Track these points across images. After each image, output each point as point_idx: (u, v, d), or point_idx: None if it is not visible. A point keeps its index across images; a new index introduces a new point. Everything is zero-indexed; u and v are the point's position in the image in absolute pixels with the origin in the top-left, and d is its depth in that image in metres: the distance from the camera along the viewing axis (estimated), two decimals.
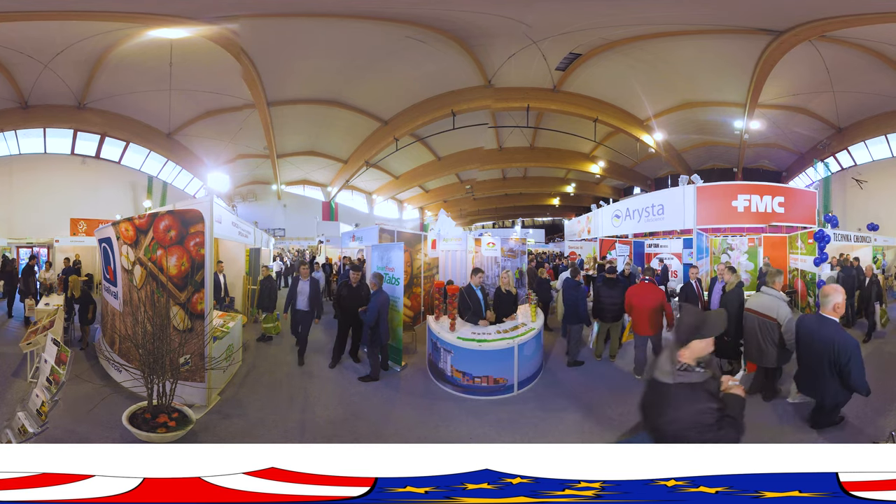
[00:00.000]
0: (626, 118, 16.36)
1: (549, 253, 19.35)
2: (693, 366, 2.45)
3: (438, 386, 5.95)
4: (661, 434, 2.47)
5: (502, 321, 6.53)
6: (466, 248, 9.73)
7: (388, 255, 7.07)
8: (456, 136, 16.15)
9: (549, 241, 25.84)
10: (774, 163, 17.61)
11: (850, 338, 3.93)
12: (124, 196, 16.64)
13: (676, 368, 2.43)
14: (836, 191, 16.28)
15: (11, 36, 11.09)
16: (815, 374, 4.01)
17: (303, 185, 19.97)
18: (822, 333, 3.95)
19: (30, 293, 9.72)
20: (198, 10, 10.84)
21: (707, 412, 2.37)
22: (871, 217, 12.17)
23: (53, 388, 4.03)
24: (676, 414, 2.38)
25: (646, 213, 10.18)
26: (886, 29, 10.82)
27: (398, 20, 11.63)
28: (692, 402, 2.37)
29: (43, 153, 14.98)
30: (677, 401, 2.39)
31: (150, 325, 4.58)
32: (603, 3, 10.89)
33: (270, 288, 8.38)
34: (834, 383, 3.95)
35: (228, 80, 13.49)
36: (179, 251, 5.34)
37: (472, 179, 21.93)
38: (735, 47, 12.56)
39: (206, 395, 5.25)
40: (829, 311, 3.95)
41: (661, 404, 2.45)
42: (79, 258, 12.32)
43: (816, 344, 3.97)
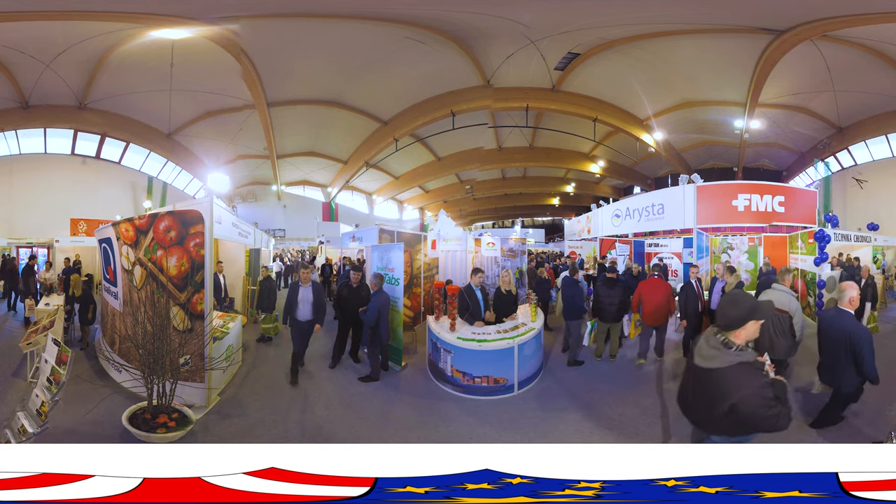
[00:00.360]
0: (626, 118, 16.35)
1: (549, 253, 19.34)
2: (746, 347, 2.57)
3: (438, 386, 5.95)
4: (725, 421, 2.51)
5: (502, 321, 6.53)
6: (466, 249, 9.73)
7: (387, 256, 7.07)
8: (455, 136, 16.14)
9: (549, 241, 25.82)
10: (775, 162, 17.59)
11: (863, 328, 4.23)
12: (124, 196, 16.63)
13: (733, 350, 2.52)
14: (837, 190, 16.27)
15: (13, 36, 11.10)
16: (834, 363, 4.28)
17: (303, 185, 19.96)
18: (840, 324, 4.22)
19: (30, 293, 9.72)
20: (199, 10, 10.84)
21: (767, 387, 2.48)
22: (871, 217, 12.15)
23: (53, 388, 4.03)
24: (741, 393, 2.42)
25: (646, 213, 10.17)
26: (887, 28, 10.82)
27: (397, 21, 11.63)
28: (753, 378, 2.47)
29: (43, 153, 14.97)
30: (737, 381, 2.46)
31: (150, 325, 4.59)
32: (601, 2, 10.89)
33: (270, 288, 8.38)
34: (850, 371, 4.18)
35: (228, 80, 13.50)
36: (179, 252, 5.35)
37: (471, 179, 21.92)
38: (735, 47, 12.55)
39: (206, 395, 5.26)
40: (845, 304, 4.27)
41: (720, 390, 2.49)
42: (79, 258, 12.32)
43: (835, 334, 4.25)
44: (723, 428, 2.61)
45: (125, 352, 5.73)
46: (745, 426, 2.58)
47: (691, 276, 7.13)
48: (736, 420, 2.48)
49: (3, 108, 13.46)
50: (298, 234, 19.81)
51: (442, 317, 6.62)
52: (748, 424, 2.55)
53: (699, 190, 8.50)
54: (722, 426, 2.59)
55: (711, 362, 2.55)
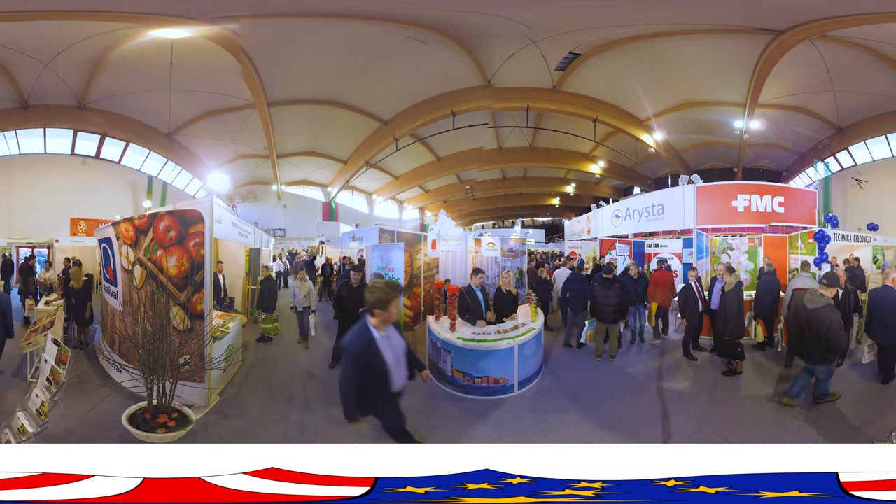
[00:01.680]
0: (626, 118, 16.35)
1: (550, 253, 19.34)
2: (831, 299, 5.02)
3: (438, 386, 5.95)
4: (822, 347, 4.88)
5: (502, 321, 6.53)
6: (466, 249, 9.72)
7: (388, 256, 7.08)
8: (456, 136, 16.13)
9: (549, 241, 25.81)
10: (774, 163, 17.59)
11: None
12: (124, 196, 16.62)
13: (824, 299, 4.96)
14: (837, 191, 16.26)
15: (11, 36, 11.09)
16: (885, 326, 5.72)
17: (303, 185, 19.94)
18: (888, 296, 5.74)
19: (29, 293, 9.70)
20: (198, 10, 10.83)
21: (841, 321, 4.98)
22: (871, 217, 12.15)
23: (53, 388, 4.03)
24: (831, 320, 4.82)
25: (646, 213, 10.17)
26: (886, 29, 10.82)
27: (398, 20, 11.62)
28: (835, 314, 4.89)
29: (43, 153, 14.96)
30: (829, 314, 4.85)
31: (149, 325, 4.58)
32: (602, 2, 10.89)
33: (270, 288, 8.37)
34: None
35: (228, 80, 13.49)
36: (179, 251, 5.34)
37: (472, 179, 21.91)
38: (735, 47, 12.55)
39: (206, 395, 5.25)
40: (889, 282, 5.88)
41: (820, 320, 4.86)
42: (77, 259, 12.30)
43: (886, 303, 5.72)
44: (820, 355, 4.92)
45: (125, 352, 5.73)
46: (831, 349, 4.86)
47: (690, 277, 7.14)
48: (828, 342, 4.80)
49: (2, 108, 13.45)
50: (298, 234, 19.80)
51: (442, 317, 6.62)
52: (833, 345, 4.82)
53: (699, 190, 8.50)
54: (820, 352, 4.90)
55: (816, 304, 4.95)
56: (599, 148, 18.52)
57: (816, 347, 4.89)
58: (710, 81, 14.43)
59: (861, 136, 15.35)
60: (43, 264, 11.69)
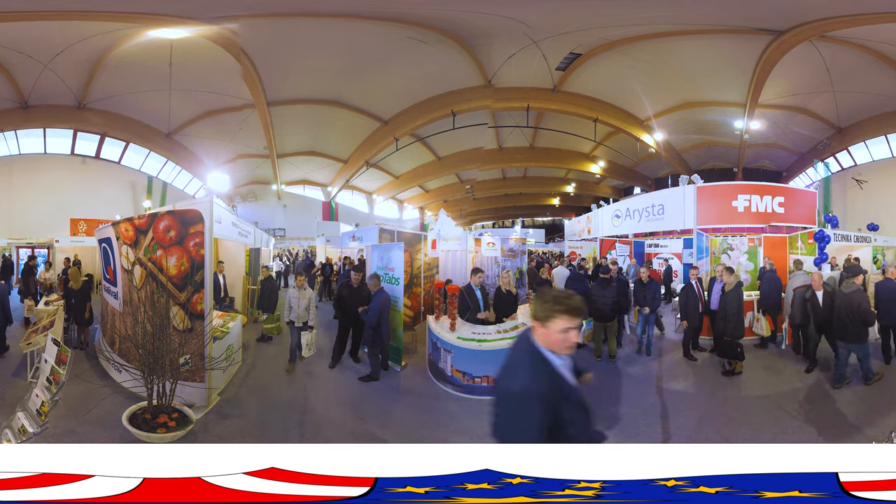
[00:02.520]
0: (626, 118, 16.34)
1: (551, 253, 19.33)
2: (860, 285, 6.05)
3: (438, 386, 5.95)
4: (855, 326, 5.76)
5: (502, 321, 6.53)
6: (466, 248, 9.72)
7: (388, 255, 7.07)
8: (456, 136, 16.12)
9: (549, 241, 25.80)
10: (775, 163, 17.58)
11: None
12: (124, 196, 16.60)
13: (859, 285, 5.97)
14: (837, 191, 16.25)
15: (11, 36, 11.08)
16: (891, 311, 6.53)
17: (303, 185, 19.93)
18: (891, 286, 6.61)
19: (29, 293, 9.69)
20: (198, 9, 10.82)
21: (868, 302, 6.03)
22: (871, 217, 12.15)
23: (53, 388, 4.03)
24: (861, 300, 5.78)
25: (646, 213, 10.17)
26: (887, 29, 10.81)
27: (398, 20, 11.62)
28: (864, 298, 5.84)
29: (43, 153, 14.94)
30: (860, 297, 5.80)
31: (149, 325, 4.58)
32: (603, 2, 10.89)
33: (270, 288, 8.37)
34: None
35: (228, 80, 13.47)
36: (179, 251, 5.34)
37: (472, 179, 21.90)
38: (735, 47, 12.55)
39: (206, 395, 5.25)
40: (891, 275, 6.68)
41: (854, 301, 5.79)
42: (78, 258, 12.31)
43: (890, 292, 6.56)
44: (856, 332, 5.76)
45: (125, 352, 5.73)
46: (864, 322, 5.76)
47: (691, 277, 7.14)
48: (861, 316, 5.72)
49: (2, 108, 13.43)
50: (298, 234, 19.80)
51: (442, 317, 6.62)
52: (865, 318, 5.76)
53: (699, 190, 8.50)
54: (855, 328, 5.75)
55: (849, 289, 5.91)
56: (599, 148, 18.51)
57: (852, 324, 5.81)
58: (710, 81, 14.42)
59: (861, 136, 15.34)
60: (43, 265, 11.70)
